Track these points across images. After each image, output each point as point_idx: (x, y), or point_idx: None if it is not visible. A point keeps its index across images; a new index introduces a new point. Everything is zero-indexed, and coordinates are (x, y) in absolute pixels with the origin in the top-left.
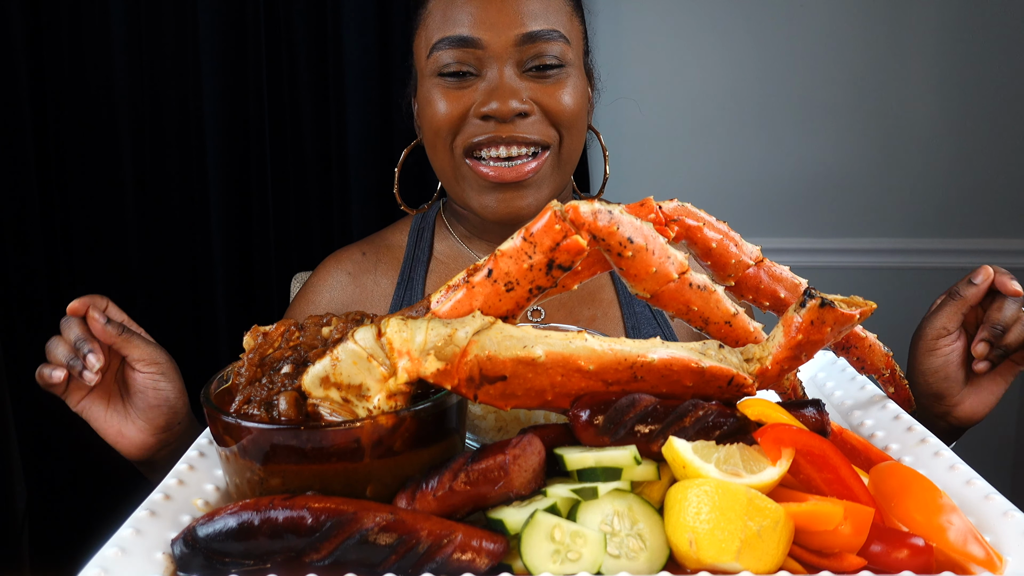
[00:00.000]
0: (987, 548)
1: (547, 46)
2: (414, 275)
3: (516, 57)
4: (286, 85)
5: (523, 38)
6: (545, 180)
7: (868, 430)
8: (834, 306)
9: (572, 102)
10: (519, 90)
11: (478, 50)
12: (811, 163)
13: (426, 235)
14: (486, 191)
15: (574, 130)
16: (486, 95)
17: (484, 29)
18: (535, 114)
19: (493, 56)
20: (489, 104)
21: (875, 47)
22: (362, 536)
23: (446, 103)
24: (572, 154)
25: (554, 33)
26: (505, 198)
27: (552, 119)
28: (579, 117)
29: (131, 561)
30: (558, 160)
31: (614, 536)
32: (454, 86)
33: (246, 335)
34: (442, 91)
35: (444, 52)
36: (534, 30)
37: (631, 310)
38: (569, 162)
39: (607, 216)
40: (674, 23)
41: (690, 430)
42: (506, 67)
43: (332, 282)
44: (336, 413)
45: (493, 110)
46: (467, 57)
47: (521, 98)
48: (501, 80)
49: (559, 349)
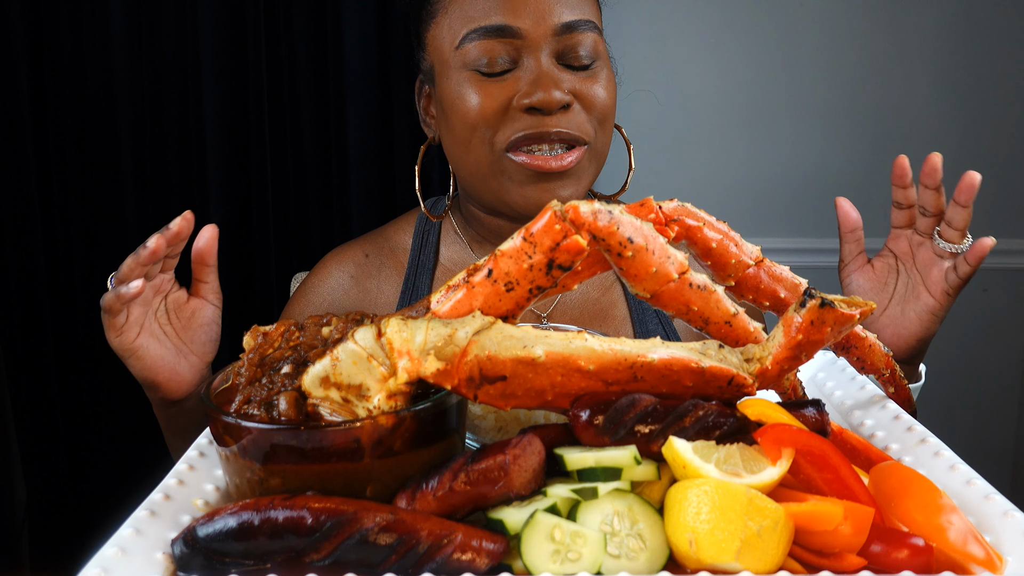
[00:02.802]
0: (987, 548)
1: (583, 37)
2: (419, 283)
3: (554, 47)
4: (286, 85)
5: (562, 27)
6: (584, 172)
7: (868, 430)
8: (834, 306)
9: (607, 95)
10: (561, 80)
11: (516, 40)
12: (811, 163)
13: (431, 238)
14: (528, 182)
15: (607, 124)
16: (530, 85)
17: (521, 17)
18: (574, 108)
19: (531, 45)
20: (534, 95)
21: (876, 47)
22: (362, 536)
23: (481, 96)
24: (604, 149)
25: (589, 24)
26: (548, 188)
27: (591, 113)
28: (612, 110)
29: (131, 561)
30: (593, 154)
31: (614, 536)
32: (488, 77)
33: (246, 335)
34: (476, 84)
35: (477, 43)
36: (571, 19)
37: (643, 328)
38: (602, 157)
39: (607, 216)
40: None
41: (690, 430)
42: (544, 56)
43: (333, 283)
44: (336, 413)
45: (539, 101)
46: (503, 48)
47: (564, 89)
48: (542, 69)
49: (559, 349)
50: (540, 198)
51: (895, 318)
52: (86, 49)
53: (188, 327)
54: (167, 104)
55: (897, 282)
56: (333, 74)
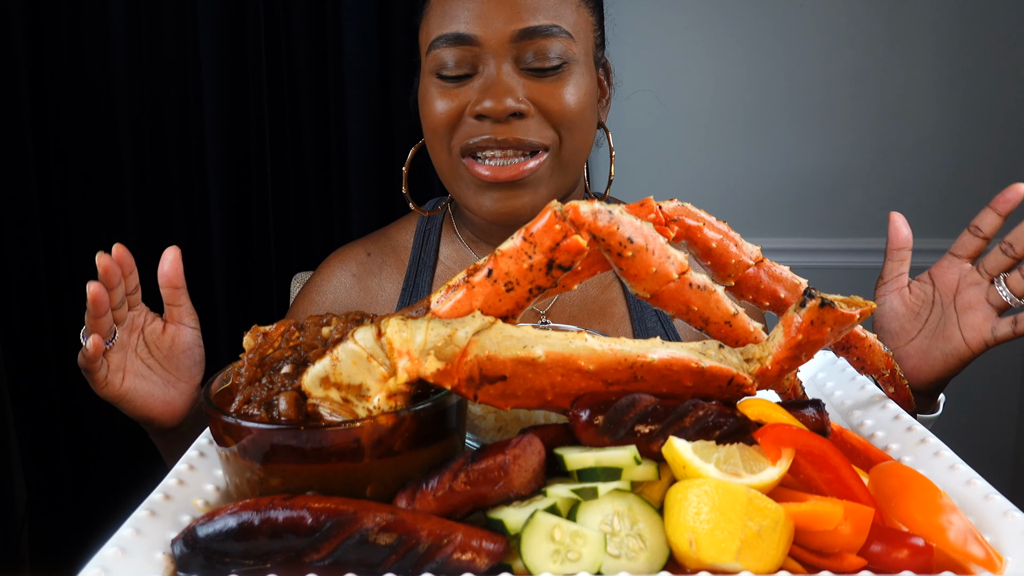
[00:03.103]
0: (987, 548)
1: (546, 42)
2: (420, 280)
3: (513, 53)
4: (286, 85)
5: (520, 34)
6: (543, 181)
7: (868, 430)
8: (834, 306)
9: (574, 101)
10: (515, 88)
11: (474, 47)
12: (811, 163)
13: (432, 237)
14: (482, 190)
15: (576, 130)
16: (481, 93)
17: (480, 25)
18: (532, 115)
19: (490, 52)
20: (483, 103)
21: (875, 48)
22: (362, 536)
23: (442, 101)
24: (574, 155)
25: (554, 28)
26: (500, 197)
27: (551, 120)
28: (581, 116)
29: (131, 561)
30: (558, 162)
31: (614, 536)
32: (451, 84)
33: (246, 335)
34: (439, 89)
35: (441, 50)
36: (532, 25)
37: (642, 325)
38: (572, 163)
39: (607, 216)
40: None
41: (690, 430)
42: (504, 64)
43: (335, 283)
44: (336, 413)
45: (487, 109)
46: (464, 55)
47: (517, 96)
48: (497, 77)
49: (559, 349)
50: (493, 207)
51: (920, 350)
52: (86, 49)
53: (171, 356)
54: (167, 104)
55: (931, 315)
56: (333, 74)
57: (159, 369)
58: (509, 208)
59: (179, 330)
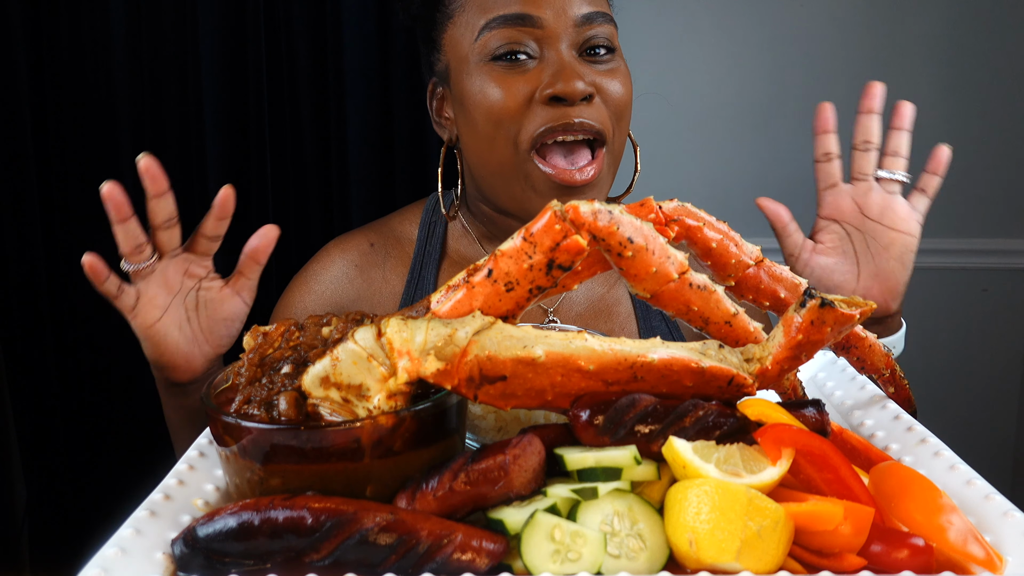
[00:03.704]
0: (987, 548)
1: (602, 29)
2: (425, 273)
3: (573, 39)
4: (286, 85)
5: (583, 19)
6: (604, 181)
7: (868, 430)
8: (834, 306)
9: (625, 91)
10: (583, 72)
11: (536, 29)
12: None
13: (438, 230)
14: (551, 193)
15: (624, 121)
16: (552, 76)
17: (541, 7)
18: (596, 100)
19: (552, 36)
20: (556, 85)
21: (875, 47)
22: (362, 536)
23: (504, 90)
24: (620, 150)
25: (606, 16)
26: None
27: (611, 108)
28: (630, 106)
29: (131, 561)
30: (611, 158)
31: (614, 536)
32: (510, 70)
33: (246, 335)
34: (497, 78)
35: (496, 32)
36: (590, 11)
37: (648, 324)
38: (617, 160)
39: (607, 216)
40: (673, 24)
41: (690, 430)
42: (564, 48)
43: (336, 272)
44: (336, 413)
45: (561, 90)
46: (523, 37)
47: (586, 79)
48: (564, 60)
49: (559, 349)
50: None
51: (873, 274)
52: (86, 49)
53: (213, 319)
54: (167, 104)
55: (854, 244)
56: (333, 74)
57: (195, 326)
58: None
59: (232, 298)
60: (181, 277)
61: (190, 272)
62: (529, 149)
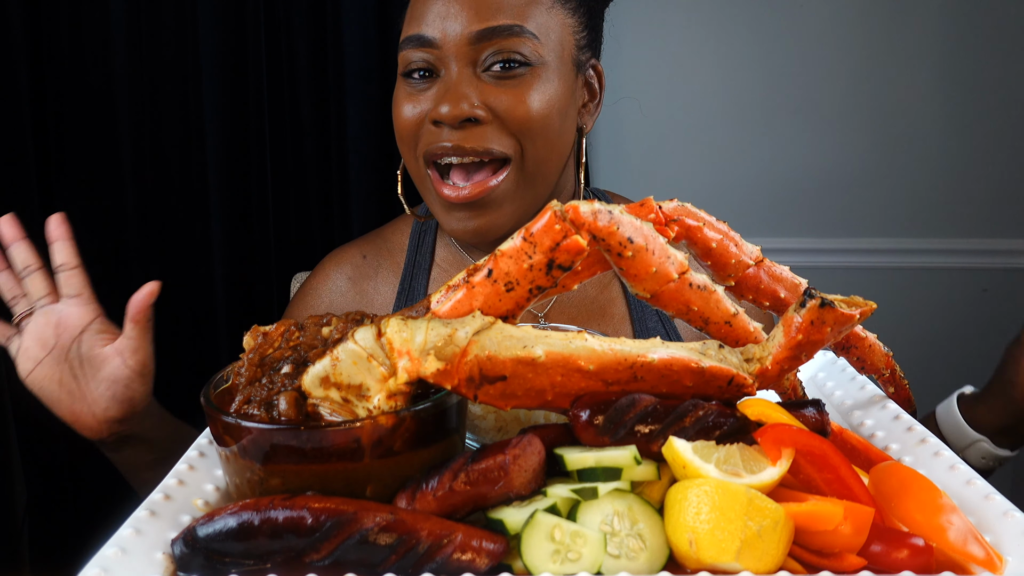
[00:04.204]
0: (987, 548)
1: (508, 43)
2: (415, 283)
3: (471, 56)
4: (286, 85)
5: (478, 35)
6: (507, 197)
7: (868, 430)
8: (834, 306)
9: (537, 107)
10: (470, 94)
11: (434, 49)
12: (811, 163)
13: (427, 239)
14: (448, 209)
15: (539, 138)
16: (438, 98)
17: (440, 27)
18: (489, 121)
19: (449, 55)
20: (439, 108)
21: (875, 47)
22: (362, 536)
23: (407, 106)
24: (540, 165)
25: (517, 28)
26: (463, 217)
27: (510, 127)
28: (545, 123)
29: (131, 561)
30: (523, 175)
31: (614, 536)
32: (416, 88)
33: (246, 335)
34: (405, 93)
35: (407, 52)
36: (492, 26)
37: (643, 325)
38: (539, 175)
39: (607, 216)
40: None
41: (690, 430)
42: (463, 68)
43: (331, 286)
44: (336, 413)
45: (441, 115)
46: (426, 57)
47: (472, 102)
48: (454, 82)
49: (559, 349)
50: (459, 226)
51: None
52: (86, 49)
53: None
54: (167, 104)
55: None
56: (333, 74)
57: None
58: (475, 227)
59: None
60: (53, 329)
61: (61, 323)
62: (425, 165)
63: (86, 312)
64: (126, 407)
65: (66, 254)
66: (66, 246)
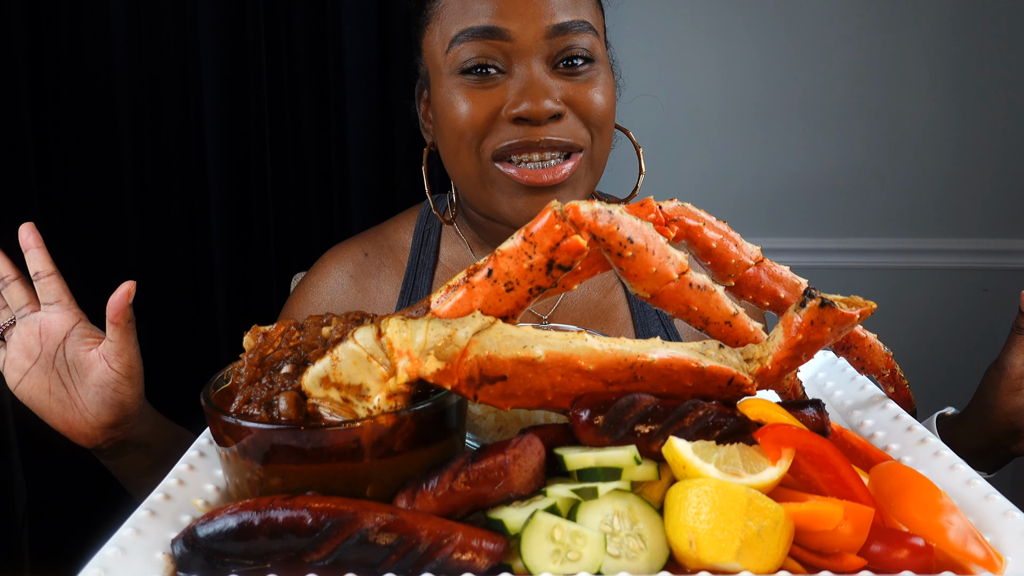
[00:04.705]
0: (987, 548)
1: (578, 39)
2: (419, 283)
3: (546, 51)
4: (286, 85)
5: (553, 30)
6: (579, 182)
7: (868, 430)
8: (834, 306)
9: (604, 101)
10: (552, 89)
11: (505, 43)
12: (811, 163)
13: (432, 238)
14: (518, 194)
15: (605, 130)
16: (518, 95)
17: (511, 19)
18: (567, 115)
19: (521, 50)
20: (521, 105)
21: (875, 47)
22: (362, 536)
23: (470, 105)
24: (603, 155)
25: (584, 25)
26: (539, 201)
27: (585, 120)
28: (610, 116)
29: (131, 561)
30: (591, 162)
31: (614, 536)
32: (478, 85)
33: (246, 335)
34: (465, 91)
35: (465, 46)
36: (564, 21)
37: (645, 330)
38: (600, 163)
39: (607, 216)
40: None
41: (690, 430)
42: (535, 62)
43: (332, 283)
44: (336, 413)
45: (527, 111)
46: (492, 51)
47: (555, 98)
48: (532, 77)
49: (559, 349)
50: (531, 211)
51: None
52: (86, 49)
53: (83, 384)
54: (167, 104)
55: None
56: (333, 74)
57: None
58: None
59: (99, 364)
60: (36, 338)
61: (43, 331)
62: (492, 159)
63: (67, 318)
64: (117, 411)
65: (41, 262)
66: (40, 254)
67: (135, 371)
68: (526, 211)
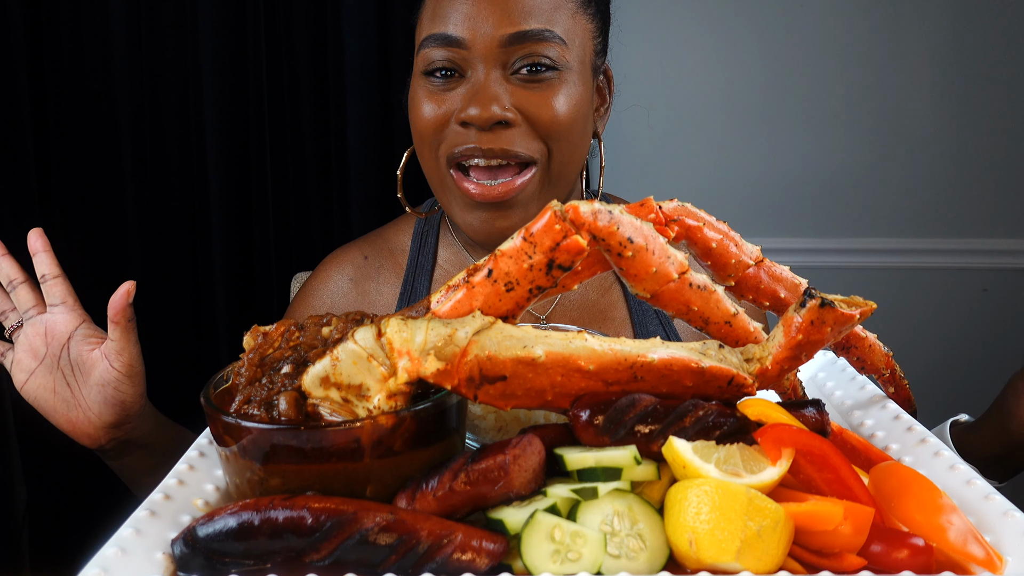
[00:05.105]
0: (987, 548)
1: (538, 47)
2: (418, 284)
3: (502, 59)
4: (286, 85)
5: (510, 38)
6: (533, 199)
7: (868, 430)
8: (834, 306)
9: (564, 110)
10: (501, 96)
11: (462, 50)
12: (811, 163)
13: (430, 240)
14: (470, 208)
15: (564, 142)
16: (467, 99)
17: (469, 27)
18: (519, 124)
19: (478, 57)
20: (468, 109)
21: (875, 48)
22: (362, 536)
23: (429, 106)
24: (564, 168)
25: (547, 33)
26: (488, 217)
27: (539, 130)
28: (572, 127)
29: (131, 561)
30: (547, 177)
31: (614, 536)
32: (439, 87)
33: (246, 335)
34: (427, 92)
35: (430, 50)
36: (524, 29)
37: (643, 329)
38: (562, 177)
39: (607, 216)
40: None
41: (690, 430)
42: (492, 70)
43: (332, 287)
44: (336, 413)
45: (471, 116)
46: (452, 57)
47: (503, 104)
48: (483, 83)
49: (559, 349)
50: (480, 227)
51: None
52: (86, 49)
53: (86, 384)
54: (167, 104)
55: None
56: (333, 74)
57: (78, 391)
58: (497, 228)
59: (101, 363)
60: (42, 339)
61: (49, 332)
62: (447, 165)
63: (71, 319)
64: (118, 410)
65: (48, 265)
66: (47, 257)
67: (136, 370)
68: (478, 227)
